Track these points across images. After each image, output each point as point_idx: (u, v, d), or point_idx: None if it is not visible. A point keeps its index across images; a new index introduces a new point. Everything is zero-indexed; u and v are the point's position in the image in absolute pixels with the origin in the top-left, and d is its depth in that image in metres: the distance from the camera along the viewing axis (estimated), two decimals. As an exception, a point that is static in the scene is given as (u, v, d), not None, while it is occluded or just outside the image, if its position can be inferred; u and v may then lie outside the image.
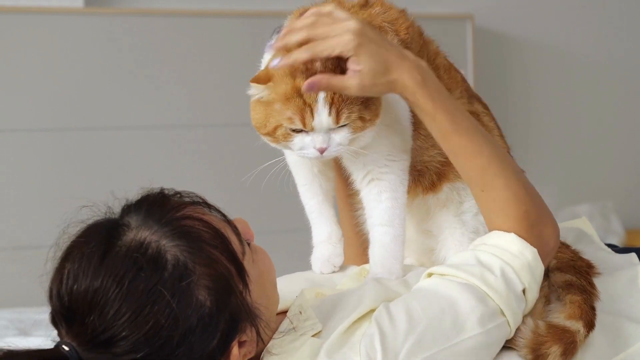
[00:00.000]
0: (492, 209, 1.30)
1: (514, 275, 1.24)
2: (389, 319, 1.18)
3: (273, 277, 1.25)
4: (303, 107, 1.24)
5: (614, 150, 3.95)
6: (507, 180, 1.29)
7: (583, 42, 3.88)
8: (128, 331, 1.07)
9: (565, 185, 3.82)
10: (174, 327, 1.08)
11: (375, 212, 1.38)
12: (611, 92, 3.94)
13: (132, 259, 1.09)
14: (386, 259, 1.37)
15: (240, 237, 1.19)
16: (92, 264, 1.09)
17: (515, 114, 3.73)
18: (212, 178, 3.12)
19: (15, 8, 3.00)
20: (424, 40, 1.45)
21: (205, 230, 1.14)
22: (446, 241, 1.43)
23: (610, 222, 3.70)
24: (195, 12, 3.24)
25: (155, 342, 1.07)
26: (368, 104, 1.27)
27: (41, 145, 3.00)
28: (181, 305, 1.08)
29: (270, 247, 1.31)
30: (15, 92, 2.99)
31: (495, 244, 1.28)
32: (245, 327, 1.14)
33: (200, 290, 1.10)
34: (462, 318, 1.19)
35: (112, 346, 1.07)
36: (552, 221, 1.32)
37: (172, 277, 1.09)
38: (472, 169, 1.30)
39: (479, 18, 3.62)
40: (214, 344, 1.11)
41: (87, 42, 3.05)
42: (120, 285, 1.07)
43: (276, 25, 1.38)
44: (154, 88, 3.13)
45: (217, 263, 1.12)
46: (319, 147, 1.27)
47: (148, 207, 1.15)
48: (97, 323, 1.07)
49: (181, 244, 1.11)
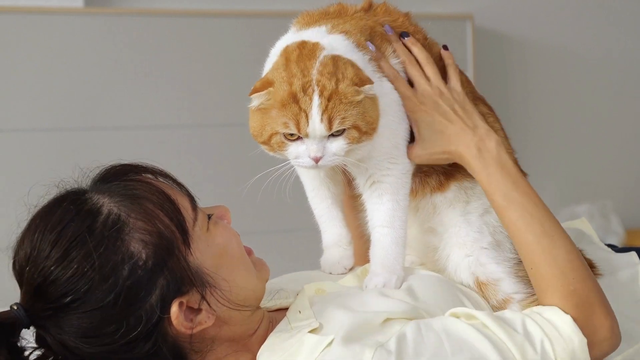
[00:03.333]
0: (541, 284, 1.30)
1: (552, 353, 1.22)
2: (414, 345, 1.16)
3: (237, 254, 1.25)
4: (298, 112, 1.25)
5: (614, 150, 3.94)
6: (555, 258, 1.29)
7: (583, 42, 3.88)
8: (55, 274, 1.12)
9: (565, 185, 3.82)
10: (99, 272, 1.12)
11: (376, 214, 1.38)
12: (611, 92, 3.94)
13: (68, 210, 1.15)
14: (386, 260, 1.37)
15: (195, 206, 1.22)
16: (36, 222, 1.17)
17: (515, 114, 3.73)
18: (212, 178, 3.12)
19: (15, 8, 3.00)
20: (428, 43, 1.46)
21: (152, 191, 1.18)
22: (450, 240, 1.43)
23: (610, 222, 3.70)
24: (195, 12, 3.24)
25: (82, 286, 1.11)
26: (364, 115, 1.27)
27: (41, 145, 3.00)
28: (108, 253, 1.12)
29: (271, 247, 1.32)
30: (15, 92, 2.99)
31: (549, 319, 1.26)
32: (190, 290, 1.17)
33: (134, 242, 1.14)
34: None
35: (45, 292, 1.12)
36: (607, 312, 1.29)
37: (102, 225, 1.14)
38: (523, 244, 1.32)
39: (479, 18, 3.62)
40: (152, 300, 1.14)
41: (87, 42, 3.05)
42: (52, 233, 1.14)
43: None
44: (154, 88, 3.13)
45: (156, 219, 1.16)
46: (313, 155, 1.27)
47: (104, 175, 1.22)
48: (32, 271, 1.13)
49: (121, 200, 1.16)
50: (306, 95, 1.25)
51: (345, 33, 1.34)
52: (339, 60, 1.28)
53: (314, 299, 1.30)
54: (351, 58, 1.30)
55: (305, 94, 1.25)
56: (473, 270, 1.38)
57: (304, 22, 1.40)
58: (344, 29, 1.35)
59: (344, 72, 1.26)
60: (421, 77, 1.38)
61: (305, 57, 1.28)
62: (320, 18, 1.40)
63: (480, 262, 1.38)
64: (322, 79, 1.25)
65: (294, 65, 1.27)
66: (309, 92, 1.25)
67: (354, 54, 1.32)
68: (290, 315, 1.26)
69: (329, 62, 1.26)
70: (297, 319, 1.24)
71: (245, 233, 1.32)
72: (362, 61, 1.32)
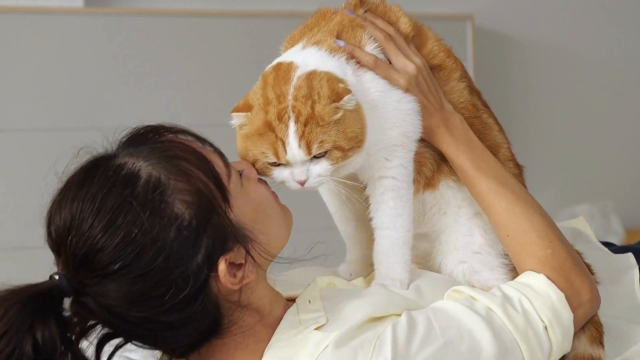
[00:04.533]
0: (517, 251, 1.33)
1: (532, 309, 1.24)
2: (407, 329, 1.18)
3: (269, 206, 1.27)
4: (275, 140, 1.25)
5: (614, 150, 3.94)
6: (531, 222, 1.32)
7: (583, 42, 3.88)
8: (102, 243, 1.11)
9: (565, 185, 3.82)
10: (147, 236, 1.11)
11: (378, 213, 1.37)
12: (611, 92, 3.94)
13: (107, 178, 1.14)
14: (387, 266, 1.35)
15: (227, 163, 1.23)
16: (71, 192, 1.15)
17: (515, 114, 3.73)
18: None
19: (15, 8, 3.00)
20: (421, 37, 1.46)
21: (184, 150, 1.19)
22: (441, 246, 1.42)
23: (610, 222, 3.70)
24: (195, 12, 3.24)
25: (130, 252, 1.11)
26: (345, 132, 1.25)
27: (41, 145, 3.00)
28: (153, 216, 1.12)
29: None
30: (15, 92, 2.99)
31: (523, 281, 1.29)
32: (233, 247, 1.17)
33: (177, 204, 1.13)
34: (479, 348, 1.19)
35: (91, 261, 1.11)
36: (586, 275, 1.32)
37: (144, 190, 1.13)
38: (497, 213, 1.34)
39: (479, 18, 3.62)
40: (198, 260, 1.14)
41: (87, 42, 3.05)
42: (93, 203, 1.12)
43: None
44: (154, 88, 3.13)
45: (194, 179, 1.16)
46: (297, 179, 1.27)
47: (132, 138, 1.21)
48: (75, 240, 1.12)
49: (157, 162, 1.16)
50: (282, 123, 1.24)
51: (317, 43, 1.33)
52: (313, 78, 1.26)
53: (324, 291, 1.30)
54: (327, 67, 1.28)
55: (281, 122, 1.24)
56: (468, 278, 1.38)
57: (287, 45, 1.39)
58: (316, 39, 1.34)
59: (319, 91, 1.24)
60: (398, 55, 1.37)
61: (281, 81, 1.27)
62: (301, 35, 1.39)
63: (474, 270, 1.38)
64: (297, 104, 1.24)
65: (270, 90, 1.27)
66: (285, 119, 1.24)
67: (329, 62, 1.30)
68: (299, 303, 1.27)
69: (303, 84, 1.25)
70: (306, 310, 1.25)
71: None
72: (338, 65, 1.30)
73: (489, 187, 1.34)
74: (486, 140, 1.41)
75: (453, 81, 1.43)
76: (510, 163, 1.45)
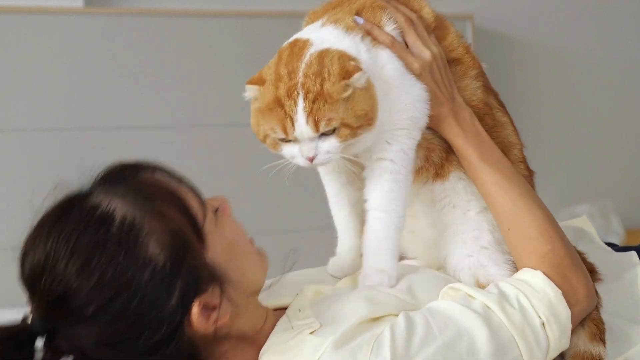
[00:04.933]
0: (518, 246, 1.33)
1: (529, 306, 1.24)
2: (406, 330, 1.18)
3: (244, 245, 1.25)
4: (284, 117, 1.25)
5: (614, 150, 3.94)
6: (533, 218, 1.33)
7: (583, 42, 3.88)
8: (76, 285, 1.09)
9: (565, 185, 3.82)
10: (121, 279, 1.10)
11: (373, 194, 1.35)
12: (611, 92, 3.94)
13: (81, 217, 1.12)
14: (377, 255, 1.34)
15: (202, 202, 1.21)
16: (44, 231, 1.14)
17: (516, 114, 3.70)
18: (212, 178, 3.12)
19: (15, 8, 3.00)
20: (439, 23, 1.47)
21: (160, 190, 1.17)
22: (449, 239, 1.41)
23: (610, 222, 3.70)
24: (195, 12, 3.24)
25: (105, 295, 1.09)
26: (354, 110, 1.25)
27: (41, 145, 3.00)
28: (128, 258, 1.10)
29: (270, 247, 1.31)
30: (15, 92, 2.99)
31: (520, 278, 1.30)
32: (207, 288, 1.16)
33: (151, 246, 1.12)
34: (477, 347, 1.19)
35: (65, 304, 1.10)
36: (583, 272, 1.32)
37: (119, 231, 1.11)
38: (500, 206, 1.34)
39: (479, 18, 3.62)
40: (172, 303, 1.12)
41: (87, 42, 3.05)
42: (68, 243, 1.11)
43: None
44: (154, 88, 3.13)
45: (170, 220, 1.14)
46: (306, 155, 1.27)
47: (108, 175, 1.19)
48: (49, 282, 1.11)
49: (132, 202, 1.14)
50: (291, 99, 1.24)
51: (335, 22, 1.33)
52: (325, 56, 1.26)
53: (313, 300, 1.30)
54: (341, 46, 1.28)
55: (290, 98, 1.24)
56: (474, 272, 1.38)
57: (309, 20, 1.40)
58: (336, 18, 1.34)
59: (330, 69, 1.24)
60: (416, 40, 1.37)
61: (294, 58, 1.27)
62: (323, 13, 1.39)
63: (481, 264, 1.38)
64: (307, 81, 1.24)
65: (282, 66, 1.27)
66: (294, 95, 1.24)
67: (344, 40, 1.30)
68: (290, 313, 1.27)
69: (314, 62, 1.25)
70: (297, 318, 1.24)
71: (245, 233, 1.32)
72: (353, 44, 1.30)
73: (494, 180, 1.34)
74: (497, 137, 1.41)
75: (468, 78, 1.44)
76: (522, 165, 1.45)
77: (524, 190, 1.35)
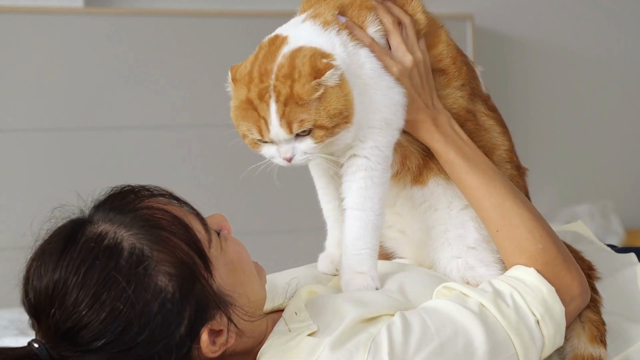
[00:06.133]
0: (507, 247, 1.32)
1: (523, 304, 1.24)
2: (403, 330, 1.17)
3: (247, 266, 1.25)
4: (258, 118, 1.24)
5: (614, 150, 3.94)
6: (521, 218, 1.31)
7: (583, 42, 3.88)
8: (87, 318, 1.09)
9: (565, 185, 3.82)
10: (132, 312, 1.09)
11: (348, 192, 1.33)
12: (611, 92, 3.94)
13: (89, 249, 1.11)
14: (356, 252, 1.32)
15: (206, 227, 1.20)
16: (52, 259, 1.12)
17: (515, 114, 3.73)
18: (212, 178, 3.12)
19: (15, 8, 3.00)
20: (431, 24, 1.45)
21: (165, 218, 1.16)
22: (435, 242, 1.39)
23: (610, 222, 3.70)
24: (195, 12, 3.24)
25: (115, 329, 1.09)
26: (327, 110, 1.24)
27: (41, 145, 3.00)
28: (138, 291, 1.10)
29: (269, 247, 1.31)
30: (15, 92, 2.99)
31: (514, 275, 1.29)
32: (215, 315, 1.16)
33: (160, 276, 1.12)
34: (474, 346, 1.19)
35: (75, 336, 1.09)
36: (575, 269, 1.31)
37: (128, 263, 1.11)
38: (486, 209, 1.33)
39: (479, 18, 3.62)
40: (181, 331, 1.12)
41: (87, 42, 3.06)
42: (77, 275, 1.10)
43: None
44: (154, 88, 3.13)
45: (177, 249, 1.14)
46: (283, 156, 1.26)
47: (111, 201, 1.18)
48: (59, 314, 1.10)
49: (139, 232, 1.13)
50: (263, 102, 1.24)
51: (315, 17, 1.32)
52: (297, 56, 1.25)
53: (308, 301, 1.30)
54: (317, 43, 1.27)
55: (262, 101, 1.24)
56: (462, 274, 1.37)
57: (302, 9, 1.39)
58: (317, 12, 1.33)
59: (300, 70, 1.23)
60: (400, 43, 1.35)
61: (269, 59, 1.26)
62: (317, 1, 1.37)
63: (469, 265, 1.37)
64: (278, 84, 1.23)
65: (256, 67, 1.27)
66: (266, 98, 1.23)
67: (321, 36, 1.29)
68: (286, 316, 1.27)
69: (286, 63, 1.24)
70: (293, 320, 1.24)
71: (245, 233, 1.32)
72: (329, 39, 1.28)
73: (478, 183, 1.32)
74: (479, 141, 1.39)
75: (451, 88, 1.41)
76: (508, 165, 1.43)
77: (509, 191, 1.33)
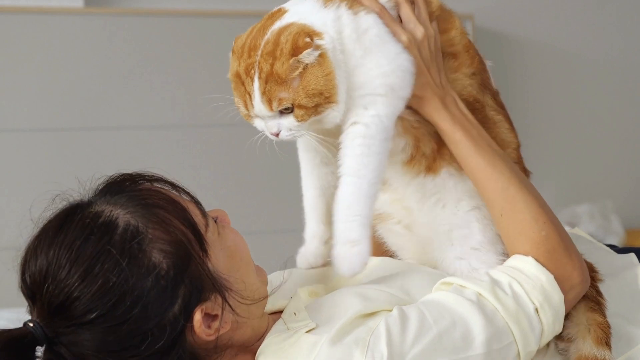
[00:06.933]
0: (510, 232, 1.31)
1: (522, 292, 1.24)
2: (400, 322, 1.18)
3: (245, 255, 1.25)
4: (244, 93, 1.26)
5: (614, 150, 3.95)
6: (526, 203, 1.30)
7: (583, 42, 3.88)
8: (79, 291, 1.10)
9: (565, 185, 3.82)
10: (124, 285, 1.10)
11: (345, 158, 1.29)
12: (611, 92, 3.94)
13: (84, 225, 1.13)
14: (348, 218, 1.28)
15: (204, 212, 1.21)
16: (47, 239, 1.14)
17: (515, 114, 3.71)
18: (211, 178, 3.12)
19: (15, 8, 3.00)
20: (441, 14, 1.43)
21: (162, 199, 1.17)
22: (440, 243, 1.39)
23: (610, 222, 3.70)
24: (195, 12, 3.24)
25: (107, 301, 1.10)
26: (306, 90, 1.22)
27: (41, 145, 3.00)
28: (131, 265, 1.11)
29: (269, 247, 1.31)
30: (15, 92, 2.99)
31: (512, 265, 1.28)
32: (210, 297, 1.16)
33: (155, 253, 1.13)
34: (472, 335, 1.19)
35: (67, 309, 1.10)
36: (577, 257, 1.31)
37: (122, 238, 1.12)
38: (491, 192, 1.31)
39: (479, 18, 3.62)
40: (175, 310, 1.13)
41: (87, 42, 3.06)
42: (70, 250, 1.11)
43: None
44: (154, 88, 3.13)
45: (172, 228, 1.15)
46: (269, 132, 1.27)
47: (109, 186, 1.20)
48: (52, 289, 1.10)
49: (135, 210, 1.15)
50: (249, 77, 1.25)
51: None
52: (283, 33, 1.24)
53: (307, 301, 1.30)
54: (309, 20, 1.25)
55: (247, 76, 1.25)
56: (466, 276, 1.37)
57: None
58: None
59: (283, 47, 1.23)
60: (411, 15, 1.32)
61: (260, 33, 1.27)
62: None
63: (472, 267, 1.36)
64: (262, 61, 1.24)
65: (249, 40, 1.28)
66: (251, 74, 1.25)
67: (317, 14, 1.26)
68: (285, 316, 1.27)
69: (272, 39, 1.24)
70: (292, 320, 1.24)
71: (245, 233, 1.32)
72: (322, 17, 1.26)
73: (484, 165, 1.31)
74: (488, 133, 1.37)
75: (460, 74, 1.39)
76: (516, 166, 1.42)
77: (514, 175, 1.32)
